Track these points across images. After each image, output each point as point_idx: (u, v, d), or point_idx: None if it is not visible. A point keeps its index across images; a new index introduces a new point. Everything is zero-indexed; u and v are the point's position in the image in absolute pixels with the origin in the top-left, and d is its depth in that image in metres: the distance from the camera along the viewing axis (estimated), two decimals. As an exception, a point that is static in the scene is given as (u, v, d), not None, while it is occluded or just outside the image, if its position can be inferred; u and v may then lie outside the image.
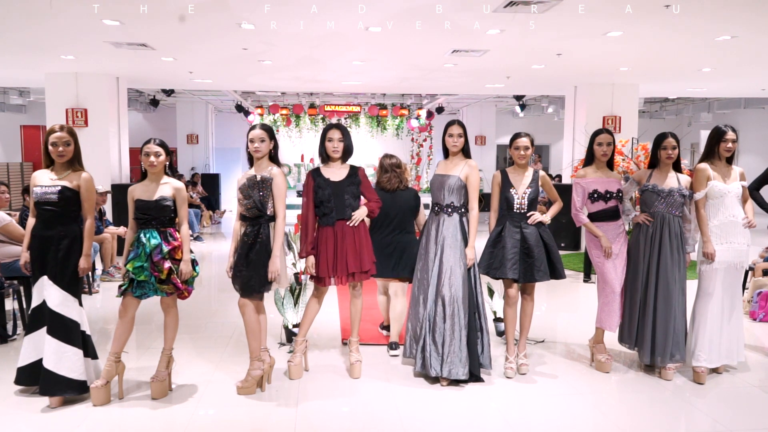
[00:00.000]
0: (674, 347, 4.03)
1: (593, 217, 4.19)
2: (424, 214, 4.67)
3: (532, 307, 4.16)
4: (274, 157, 3.79)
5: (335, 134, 3.91)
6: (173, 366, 3.82)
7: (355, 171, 3.97)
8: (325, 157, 3.99)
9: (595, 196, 4.15)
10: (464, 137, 4.03)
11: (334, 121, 15.84)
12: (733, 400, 3.80)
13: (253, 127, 3.73)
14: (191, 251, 3.72)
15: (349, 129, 4.10)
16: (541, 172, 4.12)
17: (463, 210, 4.01)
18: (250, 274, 3.63)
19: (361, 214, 3.90)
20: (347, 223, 3.86)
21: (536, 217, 3.99)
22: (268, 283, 3.65)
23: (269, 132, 3.74)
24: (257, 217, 3.66)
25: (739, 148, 4.17)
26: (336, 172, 3.94)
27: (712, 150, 4.08)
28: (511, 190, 4.03)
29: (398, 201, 4.51)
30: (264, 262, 3.62)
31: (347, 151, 3.98)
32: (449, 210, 3.99)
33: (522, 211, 4.01)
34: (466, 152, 4.07)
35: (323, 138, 3.95)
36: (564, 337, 4.98)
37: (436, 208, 4.07)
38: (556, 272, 4.01)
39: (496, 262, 4.00)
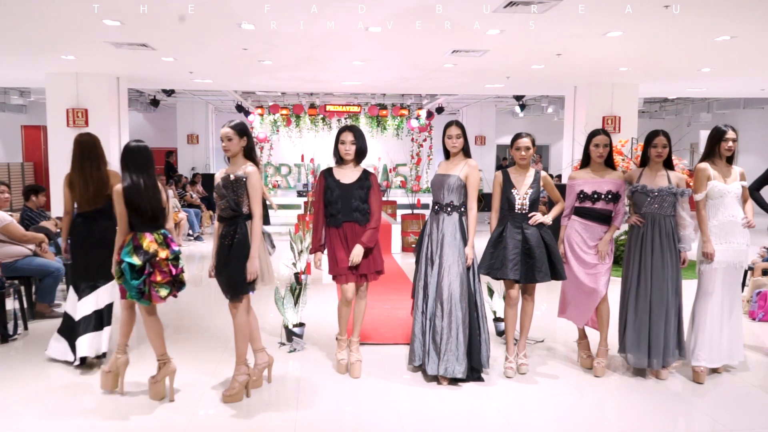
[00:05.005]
0: (668, 348, 4.02)
1: (581, 211, 4.16)
2: None
3: (532, 308, 4.16)
4: (249, 155, 3.66)
5: (348, 137, 3.93)
6: (172, 368, 3.67)
7: (366, 175, 3.99)
8: (339, 158, 4.00)
9: (581, 196, 4.13)
10: (463, 137, 4.04)
11: (334, 121, 15.86)
12: (733, 400, 3.80)
13: (223, 126, 3.65)
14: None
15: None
16: (543, 173, 4.11)
17: (462, 209, 4.01)
18: (230, 275, 3.53)
19: (357, 253, 3.87)
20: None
21: (537, 217, 3.98)
22: (249, 284, 3.56)
23: (238, 129, 3.60)
24: (233, 217, 3.56)
25: (738, 148, 4.15)
26: (347, 174, 3.97)
27: (712, 150, 4.07)
28: (512, 190, 4.02)
29: None
30: (244, 263, 3.50)
31: (360, 153, 3.98)
32: (449, 209, 3.99)
33: (523, 211, 4.00)
34: (466, 152, 4.07)
35: (336, 140, 3.97)
36: (564, 337, 4.98)
37: (436, 207, 4.07)
38: (556, 273, 4.01)
39: (497, 263, 4.00)
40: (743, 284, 5.16)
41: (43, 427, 3.32)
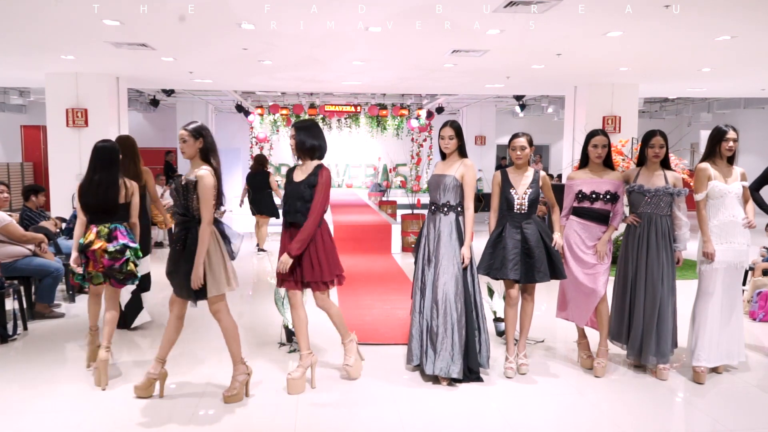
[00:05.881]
0: (663, 347, 4.01)
1: (579, 211, 4.16)
2: None
3: (532, 308, 4.15)
4: (205, 157, 3.57)
5: (290, 132, 3.82)
6: (102, 357, 3.79)
7: (316, 171, 3.71)
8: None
9: (580, 196, 4.13)
10: (457, 138, 3.99)
11: (334, 121, 15.85)
12: (733, 400, 3.79)
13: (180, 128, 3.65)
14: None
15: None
16: (542, 173, 4.09)
17: (459, 209, 3.98)
18: (184, 279, 3.47)
19: (282, 261, 3.69)
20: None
21: (558, 243, 4.02)
22: (197, 291, 3.46)
23: (192, 131, 3.53)
24: (184, 221, 3.52)
25: (739, 148, 4.14)
26: (299, 173, 3.79)
27: (713, 150, 4.07)
28: (510, 190, 4.02)
29: None
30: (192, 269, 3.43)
31: (302, 148, 3.73)
32: (445, 209, 3.98)
33: (522, 211, 3.99)
34: (461, 152, 4.05)
35: None
36: (564, 337, 4.98)
37: (433, 208, 4.06)
38: (556, 272, 4.00)
39: (496, 263, 4.00)
40: (743, 284, 5.15)
41: (43, 427, 3.32)
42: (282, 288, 4.00)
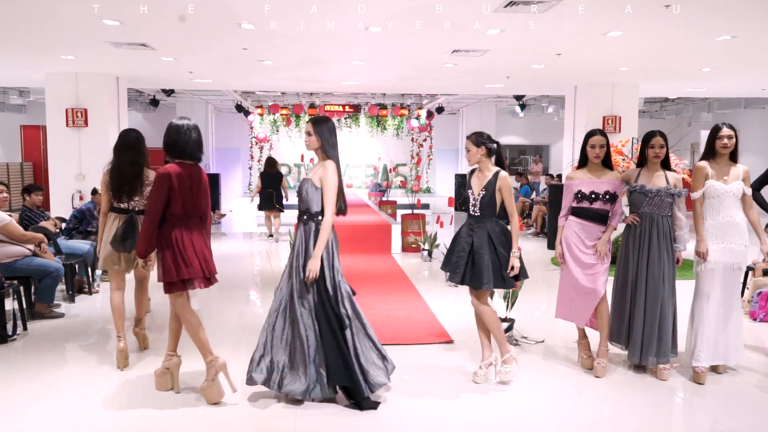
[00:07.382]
0: (663, 347, 4.01)
1: (578, 212, 4.15)
2: None
3: (484, 311, 3.91)
4: None
5: None
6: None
7: None
8: None
9: (579, 196, 4.12)
10: (317, 135, 3.57)
11: (334, 121, 15.87)
12: (733, 400, 3.79)
13: None
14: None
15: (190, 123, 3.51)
16: (503, 174, 3.85)
17: (318, 218, 3.56)
18: None
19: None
20: None
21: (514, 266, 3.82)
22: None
23: None
24: None
25: (739, 148, 4.13)
26: None
27: (711, 148, 4.07)
28: (468, 191, 3.98)
29: None
30: None
31: (164, 147, 3.62)
32: (304, 218, 3.60)
33: (475, 213, 3.91)
34: (326, 152, 3.61)
35: None
36: (564, 337, 4.98)
37: (298, 217, 3.69)
38: (480, 280, 3.79)
39: (449, 262, 4.00)
40: (744, 285, 5.14)
41: (43, 427, 3.32)
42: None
